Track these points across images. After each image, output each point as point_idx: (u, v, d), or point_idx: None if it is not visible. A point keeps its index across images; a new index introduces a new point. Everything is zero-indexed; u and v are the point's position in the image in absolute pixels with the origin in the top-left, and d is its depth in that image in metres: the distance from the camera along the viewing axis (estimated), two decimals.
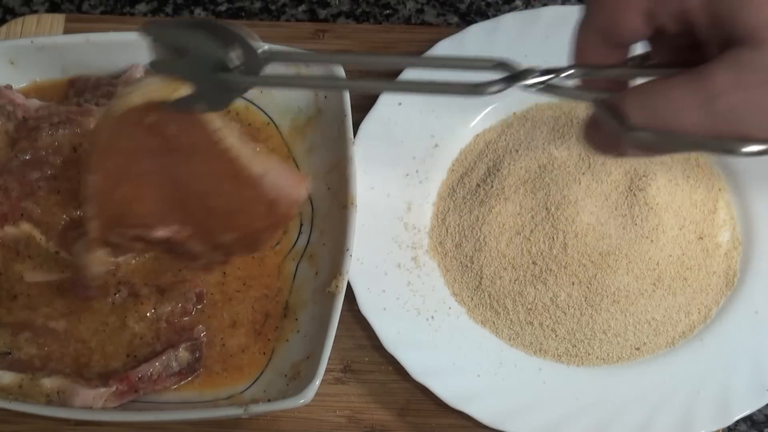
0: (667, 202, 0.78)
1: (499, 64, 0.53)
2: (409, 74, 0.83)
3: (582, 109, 0.84)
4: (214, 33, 0.56)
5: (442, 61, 0.60)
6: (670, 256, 0.76)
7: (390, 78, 0.84)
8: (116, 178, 0.63)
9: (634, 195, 0.78)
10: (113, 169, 0.62)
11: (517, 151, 0.82)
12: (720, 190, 0.80)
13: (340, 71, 0.80)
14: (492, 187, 0.79)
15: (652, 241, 0.76)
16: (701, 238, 0.78)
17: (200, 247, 0.68)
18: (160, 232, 0.65)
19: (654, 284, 0.76)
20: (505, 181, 0.79)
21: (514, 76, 0.52)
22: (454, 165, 0.83)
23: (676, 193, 0.78)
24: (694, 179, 0.80)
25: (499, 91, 0.52)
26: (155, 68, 0.58)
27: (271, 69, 0.57)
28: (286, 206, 0.64)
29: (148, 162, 0.62)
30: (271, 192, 0.63)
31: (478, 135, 0.84)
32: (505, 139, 0.83)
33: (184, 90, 0.57)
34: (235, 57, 0.56)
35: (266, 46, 0.56)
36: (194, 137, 0.60)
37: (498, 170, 0.80)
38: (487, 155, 0.82)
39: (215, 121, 0.60)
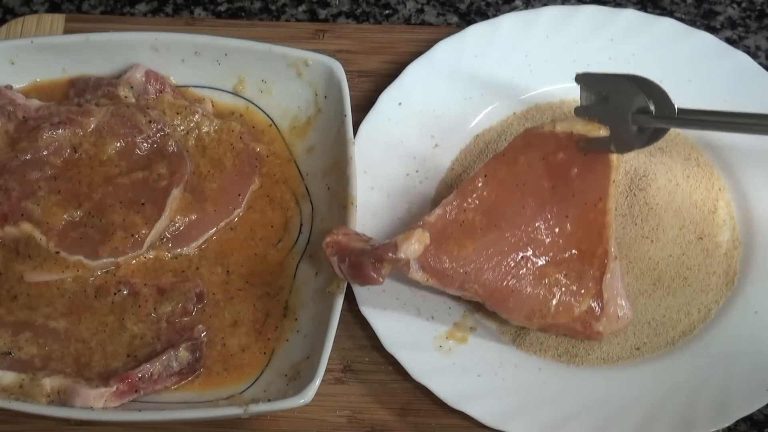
0: (667, 202, 0.78)
1: None
2: (411, 72, 0.83)
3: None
4: (636, 84, 0.69)
5: None
6: (670, 256, 0.76)
7: (390, 78, 0.84)
8: (482, 207, 0.71)
9: (634, 195, 0.78)
10: (493, 191, 0.71)
11: None
12: (720, 190, 0.80)
13: (340, 69, 0.80)
14: None
15: (652, 241, 0.76)
16: (701, 238, 0.78)
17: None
18: (453, 291, 0.72)
19: (654, 284, 0.76)
20: None
21: None
22: (454, 165, 0.83)
23: (676, 193, 0.78)
24: (694, 179, 0.80)
25: None
26: (579, 113, 0.72)
27: None
28: (599, 325, 0.72)
29: (522, 202, 0.71)
30: (604, 299, 0.72)
31: (478, 135, 0.84)
32: (505, 140, 0.83)
33: (602, 132, 0.70)
34: (651, 106, 0.69)
35: (678, 107, 0.68)
36: (588, 184, 0.71)
37: None
38: (487, 155, 0.82)
39: (615, 173, 0.71)
